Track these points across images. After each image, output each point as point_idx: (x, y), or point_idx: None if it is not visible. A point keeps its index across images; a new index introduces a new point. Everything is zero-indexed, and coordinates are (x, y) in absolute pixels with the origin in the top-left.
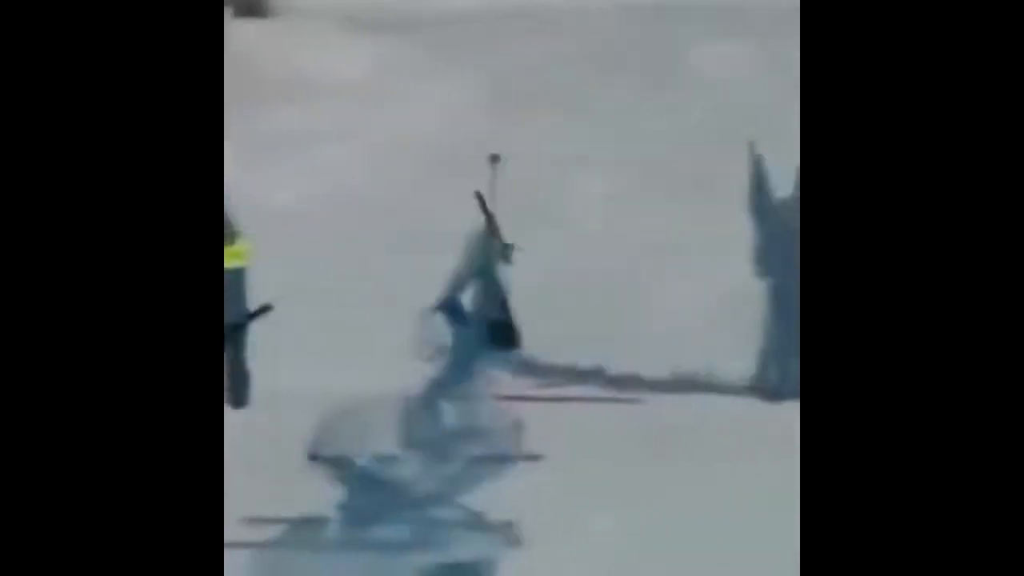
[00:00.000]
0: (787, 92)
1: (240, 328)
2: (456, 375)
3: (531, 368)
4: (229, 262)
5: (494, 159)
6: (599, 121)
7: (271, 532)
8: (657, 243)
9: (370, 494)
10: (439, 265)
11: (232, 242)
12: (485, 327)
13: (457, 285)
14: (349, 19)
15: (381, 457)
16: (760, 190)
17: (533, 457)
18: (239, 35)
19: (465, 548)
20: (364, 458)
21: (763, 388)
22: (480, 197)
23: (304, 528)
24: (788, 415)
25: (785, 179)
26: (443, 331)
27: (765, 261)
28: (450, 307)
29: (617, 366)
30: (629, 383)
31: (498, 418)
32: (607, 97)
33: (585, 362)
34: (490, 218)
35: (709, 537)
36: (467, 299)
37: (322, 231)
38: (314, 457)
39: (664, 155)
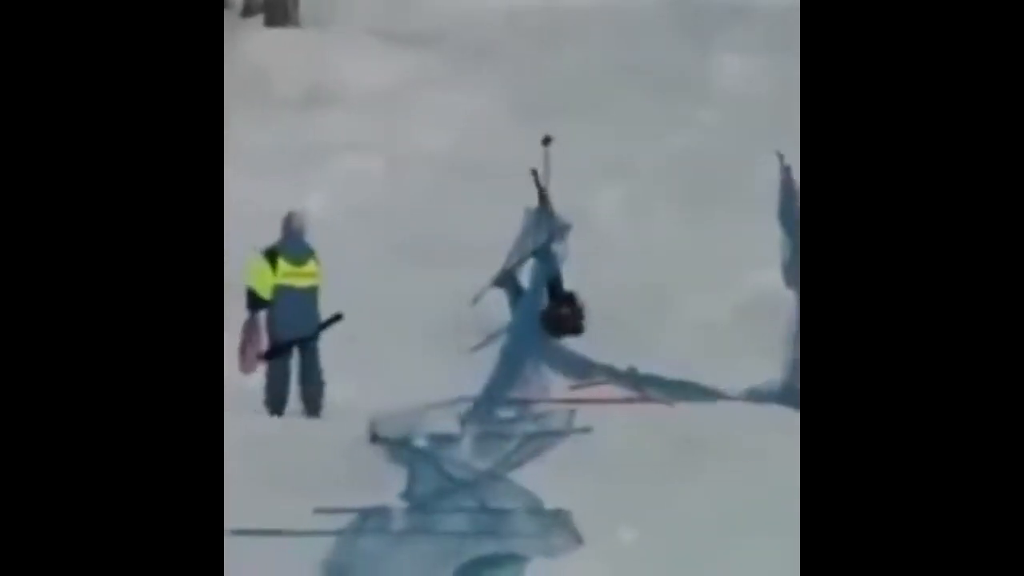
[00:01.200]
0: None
1: (312, 341)
2: (509, 371)
3: (578, 367)
4: (302, 281)
5: (546, 140)
6: (623, 132)
7: (341, 521)
8: (682, 251)
9: (429, 476)
10: (462, 277)
11: (304, 262)
12: (544, 316)
13: (515, 261)
14: (376, 31)
15: (438, 436)
16: (788, 200)
17: (584, 430)
18: (268, 43)
19: (524, 540)
20: (422, 438)
21: (792, 396)
22: (536, 175)
23: (371, 516)
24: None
25: None
26: (497, 311)
27: (794, 271)
28: (508, 282)
29: (647, 368)
30: (657, 386)
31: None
32: (631, 108)
33: (620, 364)
34: (544, 197)
35: (731, 540)
36: (524, 275)
37: (345, 240)
38: (375, 438)
39: (690, 164)
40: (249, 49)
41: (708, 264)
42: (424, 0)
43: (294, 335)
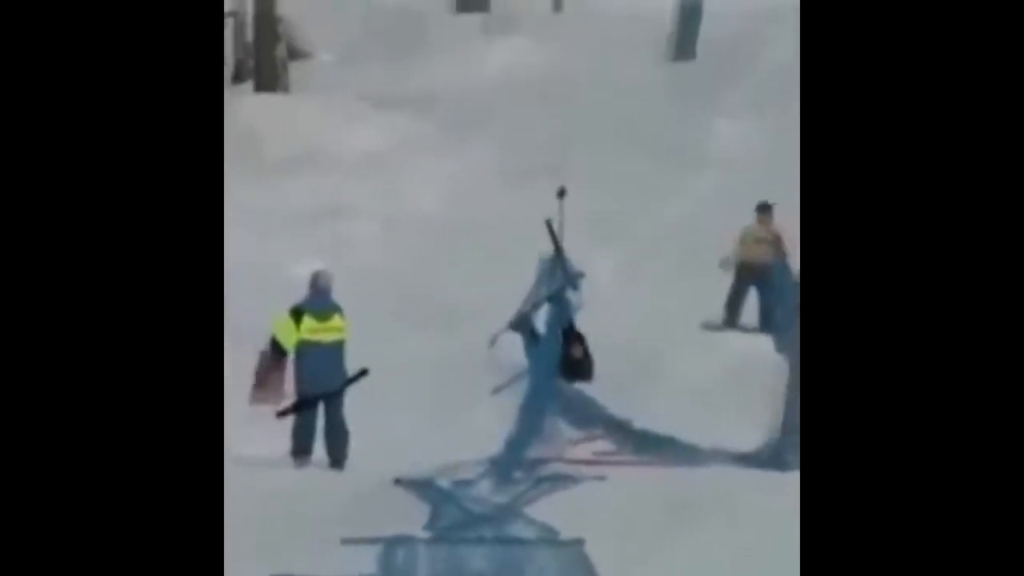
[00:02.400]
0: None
1: (339, 394)
2: (529, 425)
3: (589, 415)
4: (327, 336)
5: (561, 193)
6: (617, 196)
7: (368, 552)
8: (671, 312)
9: (450, 512)
10: (454, 338)
11: (329, 317)
12: (559, 361)
13: (530, 306)
14: (367, 95)
15: (459, 481)
16: (780, 266)
17: (599, 478)
18: (257, 109)
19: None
20: (444, 481)
21: (776, 459)
22: (550, 225)
23: (397, 545)
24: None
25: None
26: (514, 354)
27: (786, 337)
28: (523, 326)
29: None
30: (649, 441)
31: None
32: (625, 172)
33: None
34: (559, 246)
35: None
36: (538, 322)
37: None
38: (398, 481)
39: (685, 229)
40: (240, 113)
41: (699, 327)
42: (415, 65)
43: (320, 389)
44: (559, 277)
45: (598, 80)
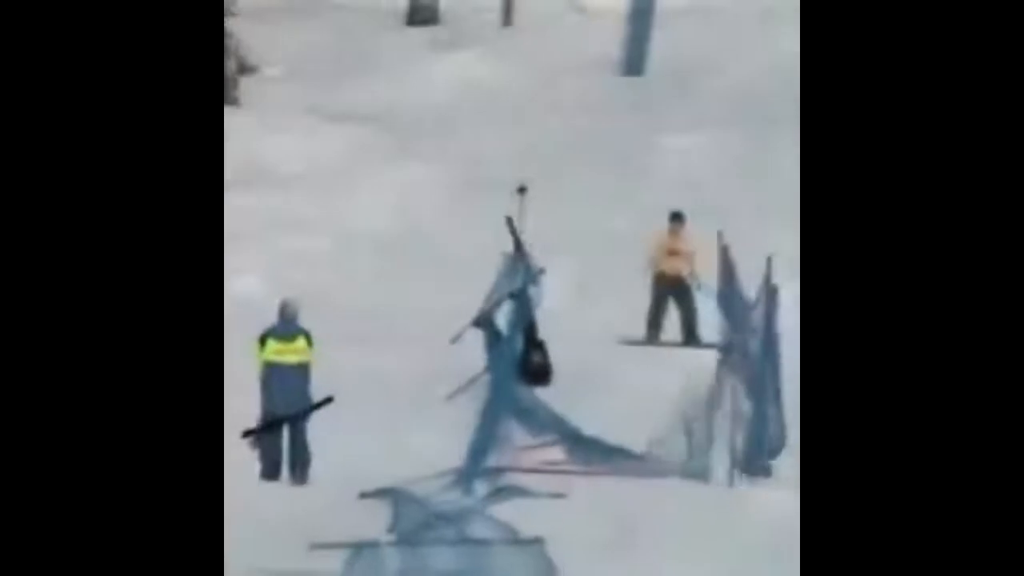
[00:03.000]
0: (758, 183)
1: (304, 417)
2: (488, 430)
3: (544, 420)
4: (290, 357)
5: (522, 190)
6: (569, 208)
7: (334, 557)
8: (619, 324)
9: (414, 513)
10: (403, 354)
11: (293, 340)
12: (522, 367)
13: (492, 304)
14: (316, 109)
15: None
16: (728, 284)
17: (559, 495)
18: None
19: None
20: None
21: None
22: (510, 222)
23: (363, 550)
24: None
25: (755, 272)
26: (474, 354)
27: (730, 357)
28: (486, 323)
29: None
30: (596, 450)
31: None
32: (569, 186)
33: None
34: (519, 243)
35: None
36: (500, 318)
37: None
38: (364, 495)
39: (635, 242)
40: None
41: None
42: (364, 79)
43: (285, 409)
44: (520, 274)
45: (547, 95)
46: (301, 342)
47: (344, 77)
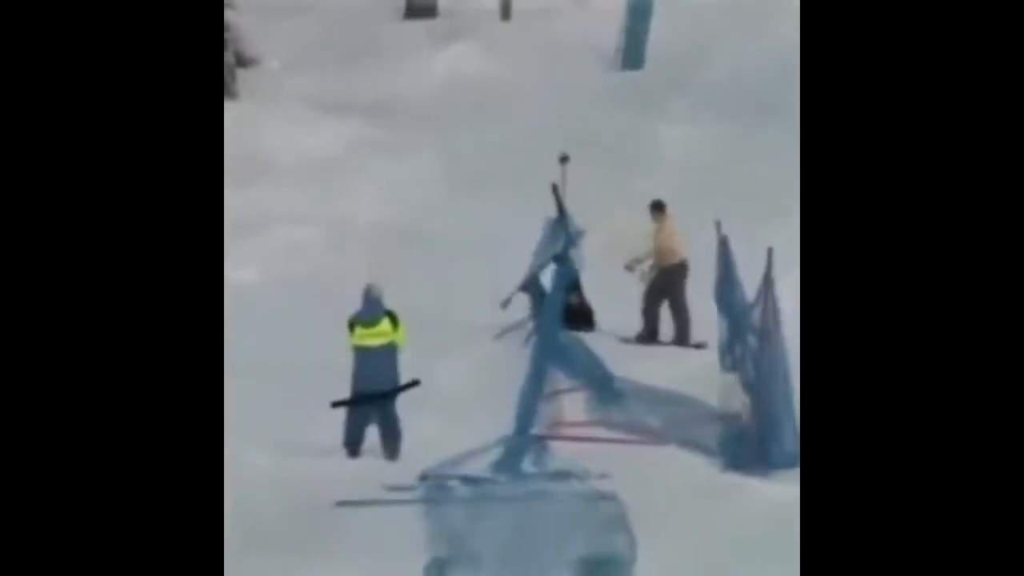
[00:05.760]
0: (757, 175)
1: (392, 396)
2: (536, 375)
3: (590, 367)
4: (376, 340)
5: (564, 159)
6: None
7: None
8: (621, 319)
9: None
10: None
11: (377, 323)
12: (564, 311)
13: (537, 267)
14: (312, 101)
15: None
16: (726, 277)
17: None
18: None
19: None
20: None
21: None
22: (555, 189)
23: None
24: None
25: (754, 267)
26: (521, 311)
27: (728, 354)
28: (532, 286)
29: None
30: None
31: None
32: (572, 178)
33: None
34: (562, 208)
35: None
36: (545, 279)
37: (282, 309)
38: (424, 476)
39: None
40: None
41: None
42: (362, 72)
43: (372, 388)
44: (563, 237)
45: (545, 88)
46: (385, 324)
47: (343, 70)
